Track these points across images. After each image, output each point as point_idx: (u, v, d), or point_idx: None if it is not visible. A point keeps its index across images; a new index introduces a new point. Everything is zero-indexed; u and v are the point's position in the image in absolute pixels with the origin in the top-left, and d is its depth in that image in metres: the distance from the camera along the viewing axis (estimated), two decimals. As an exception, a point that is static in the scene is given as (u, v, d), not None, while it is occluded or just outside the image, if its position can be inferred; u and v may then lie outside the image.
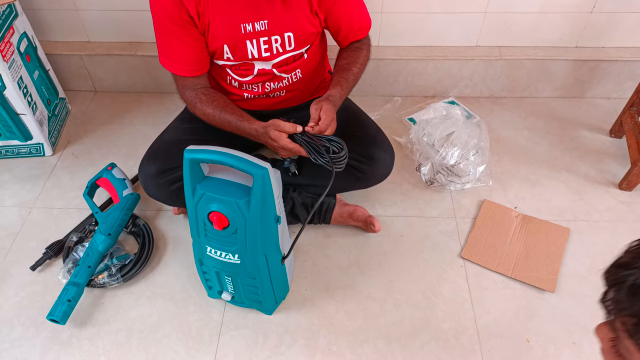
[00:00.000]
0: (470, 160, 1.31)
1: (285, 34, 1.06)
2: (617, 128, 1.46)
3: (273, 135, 1.00)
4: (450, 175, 1.32)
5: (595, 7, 1.44)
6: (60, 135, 1.53)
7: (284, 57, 1.10)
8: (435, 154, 1.30)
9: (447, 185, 1.33)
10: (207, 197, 0.86)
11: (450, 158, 1.29)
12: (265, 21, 1.04)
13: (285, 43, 1.08)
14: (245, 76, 1.12)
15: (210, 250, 0.94)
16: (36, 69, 1.44)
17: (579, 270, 1.16)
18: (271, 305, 1.07)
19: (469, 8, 1.46)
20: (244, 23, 1.03)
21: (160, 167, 1.09)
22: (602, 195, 1.32)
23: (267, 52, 1.08)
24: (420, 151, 1.37)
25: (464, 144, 1.29)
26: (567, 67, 1.55)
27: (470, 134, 1.30)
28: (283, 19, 1.04)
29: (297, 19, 1.06)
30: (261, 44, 1.06)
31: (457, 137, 1.30)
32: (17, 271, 1.18)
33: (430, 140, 1.33)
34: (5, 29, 1.28)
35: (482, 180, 1.34)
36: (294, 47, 1.09)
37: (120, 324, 1.09)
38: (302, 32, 1.08)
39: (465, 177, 1.32)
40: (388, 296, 1.12)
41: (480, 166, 1.33)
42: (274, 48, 1.08)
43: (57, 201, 1.34)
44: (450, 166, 1.30)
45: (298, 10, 1.05)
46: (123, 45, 1.59)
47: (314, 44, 1.14)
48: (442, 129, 1.33)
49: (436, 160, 1.30)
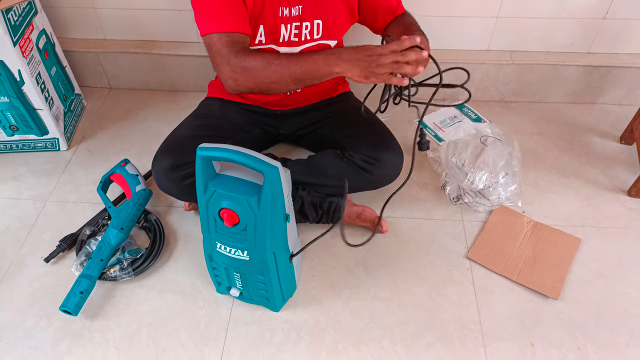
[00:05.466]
0: (500, 182, 1.26)
1: (315, 21, 1.10)
2: (627, 135, 1.46)
3: (381, 48, 0.89)
4: (478, 197, 1.29)
5: (609, 13, 1.44)
6: (75, 131, 1.56)
7: (309, 44, 1.12)
8: (463, 177, 1.26)
9: (474, 206, 1.30)
10: (219, 194, 0.88)
11: (479, 182, 1.25)
12: (301, 6, 1.07)
13: (313, 30, 1.11)
14: None
15: (220, 247, 0.96)
16: (54, 65, 1.47)
17: (585, 276, 1.16)
18: (278, 302, 1.09)
19: (481, 12, 1.47)
20: (282, 7, 1.06)
21: (174, 162, 1.10)
22: (611, 202, 1.32)
23: (296, 38, 1.10)
24: (447, 172, 1.33)
25: (492, 166, 1.25)
26: (579, 73, 1.55)
27: (500, 154, 1.26)
28: (317, 5, 1.08)
29: (329, 6, 1.09)
30: (292, 29, 1.09)
31: (485, 159, 1.25)
32: (31, 262, 1.21)
33: (459, 162, 1.29)
34: (25, 25, 1.31)
35: (511, 200, 1.31)
36: (321, 35, 1.12)
37: (131, 317, 1.11)
38: (331, 21, 1.12)
39: (495, 199, 1.29)
40: (394, 296, 1.13)
41: (511, 186, 1.29)
42: (303, 34, 1.11)
43: (71, 195, 1.37)
44: (479, 190, 1.28)
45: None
46: (138, 43, 1.62)
47: (337, 44, 1.17)
48: (472, 149, 1.29)
49: (465, 184, 1.26)
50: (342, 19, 1.15)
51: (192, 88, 1.68)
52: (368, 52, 0.90)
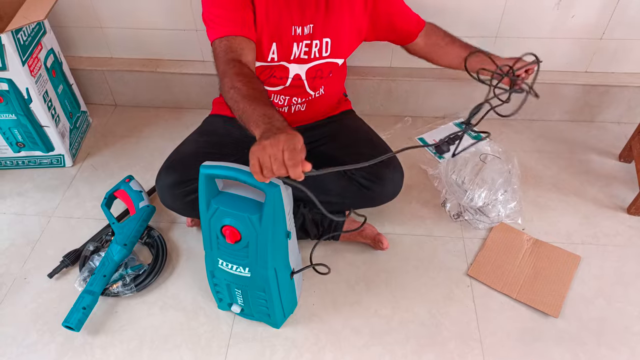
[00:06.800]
0: (499, 199, 1.27)
1: (324, 39, 1.13)
2: (626, 153, 1.47)
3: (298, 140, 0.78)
4: (478, 214, 1.30)
5: (605, 33, 1.46)
6: (81, 147, 1.59)
7: (317, 62, 1.16)
8: (462, 195, 1.27)
9: (474, 224, 1.31)
10: (221, 212, 0.89)
11: (478, 199, 1.26)
12: (312, 25, 1.10)
13: (322, 48, 1.14)
14: (276, 85, 1.17)
15: (222, 263, 0.97)
16: (61, 84, 1.50)
17: (586, 294, 1.16)
18: (279, 319, 1.09)
19: (481, 32, 1.49)
20: (295, 25, 1.09)
21: (178, 178, 1.12)
22: (611, 220, 1.33)
23: (305, 55, 1.14)
24: (447, 189, 1.34)
25: (491, 184, 1.26)
26: (577, 92, 1.57)
27: (499, 172, 1.27)
28: (326, 24, 1.12)
29: (337, 25, 1.13)
30: (303, 47, 1.12)
31: (483, 177, 1.27)
32: (35, 278, 1.22)
33: (459, 179, 1.30)
34: (34, 45, 1.35)
35: (511, 217, 1.31)
36: (329, 53, 1.15)
37: (133, 332, 1.11)
38: (339, 40, 1.16)
39: (495, 216, 1.29)
40: (395, 313, 1.14)
41: (511, 203, 1.30)
42: (313, 52, 1.14)
43: (75, 211, 1.39)
44: (478, 207, 1.29)
45: (339, 16, 1.12)
46: (144, 61, 1.65)
47: (343, 63, 1.22)
48: (471, 167, 1.30)
49: (464, 202, 1.27)
50: (349, 38, 1.19)
51: (196, 105, 1.71)
52: (280, 137, 0.76)
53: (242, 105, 0.89)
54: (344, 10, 1.13)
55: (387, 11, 1.18)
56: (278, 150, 0.75)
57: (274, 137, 0.76)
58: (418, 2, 1.42)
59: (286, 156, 0.75)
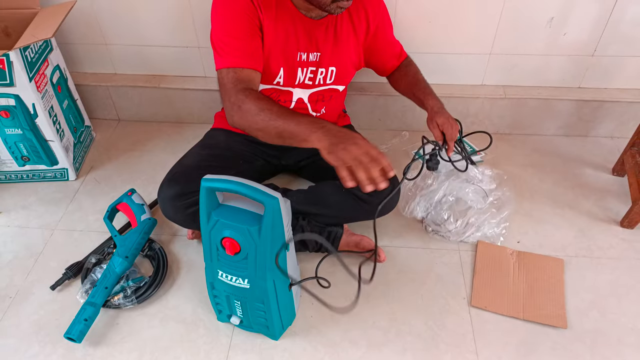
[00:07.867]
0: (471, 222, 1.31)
1: (330, 68, 1.17)
2: (619, 167, 1.50)
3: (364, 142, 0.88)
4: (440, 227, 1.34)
5: (597, 50, 1.50)
6: (84, 161, 1.62)
7: (321, 88, 1.19)
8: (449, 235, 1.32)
9: (450, 237, 1.33)
10: (221, 224, 0.92)
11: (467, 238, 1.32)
12: (319, 54, 1.14)
13: (327, 76, 1.18)
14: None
15: (221, 275, 1.00)
16: (66, 99, 1.53)
17: (579, 306, 1.18)
18: (278, 331, 1.11)
19: (475, 49, 1.53)
20: (301, 52, 1.12)
21: (180, 190, 1.14)
22: (604, 232, 1.35)
23: (310, 81, 1.18)
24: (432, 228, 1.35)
25: (479, 225, 1.31)
26: (571, 107, 1.60)
27: (474, 192, 1.31)
28: (333, 53, 1.16)
29: (343, 55, 1.17)
30: (308, 73, 1.15)
31: (471, 221, 1.31)
32: (37, 290, 1.24)
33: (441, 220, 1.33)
34: (41, 62, 1.38)
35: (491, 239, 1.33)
36: (333, 81, 1.19)
37: (133, 344, 1.13)
38: (344, 68, 1.20)
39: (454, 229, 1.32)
40: (392, 326, 1.15)
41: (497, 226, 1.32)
42: (317, 79, 1.18)
43: (78, 224, 1.41)
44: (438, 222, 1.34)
45: (346, 46, 1.15)
46: (147, 77, 1.69)
47: (345, 88, 1.28)
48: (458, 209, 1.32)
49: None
50: (352, 67, 1.24)
51: (197, 120, 1.74)
52: (348, 136, 0.88)
53: (281, 123, 0.92)
54: (350, 41, 1.17)
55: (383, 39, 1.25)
56: (360, 148, 0.85)
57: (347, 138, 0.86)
58: (411, 20, 1.47)
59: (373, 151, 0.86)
